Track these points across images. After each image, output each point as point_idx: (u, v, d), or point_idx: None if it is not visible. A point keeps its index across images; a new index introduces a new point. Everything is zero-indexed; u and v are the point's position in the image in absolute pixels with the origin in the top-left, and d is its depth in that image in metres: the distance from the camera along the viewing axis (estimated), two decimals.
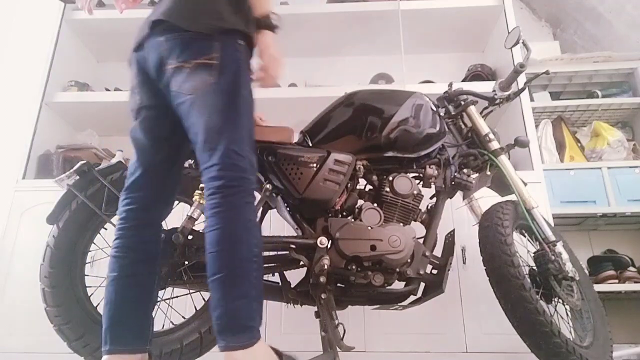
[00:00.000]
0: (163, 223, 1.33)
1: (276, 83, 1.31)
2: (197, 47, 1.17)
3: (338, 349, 1.32)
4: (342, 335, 1.37)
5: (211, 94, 1.14)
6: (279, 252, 1.49)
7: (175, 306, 1.50)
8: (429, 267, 1.47)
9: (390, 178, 1.50)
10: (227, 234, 1.06)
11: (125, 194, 1.25)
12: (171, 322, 1.47)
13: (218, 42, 1.17)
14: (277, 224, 1.71)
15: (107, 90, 2.74)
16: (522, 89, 1.72)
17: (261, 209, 1.50)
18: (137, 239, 1.21)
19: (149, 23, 1.23)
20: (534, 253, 1.58)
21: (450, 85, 1.81)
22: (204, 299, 1.48)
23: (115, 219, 1.27)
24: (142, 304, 1.18)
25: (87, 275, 1.45)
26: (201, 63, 1.15)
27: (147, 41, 1.24)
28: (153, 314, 1.23)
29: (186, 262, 1.39)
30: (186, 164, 1.46)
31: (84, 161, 1.48)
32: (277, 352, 1.07)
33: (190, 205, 1.45)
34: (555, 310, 1.49)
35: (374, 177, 1.55)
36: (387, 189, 1.50)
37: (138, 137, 1.27)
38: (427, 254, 1.46)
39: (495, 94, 1.71)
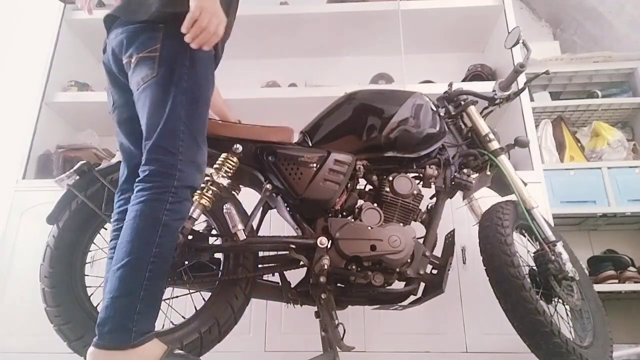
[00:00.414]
0: None
1: (215, 39, 1.12)
2: (140, 41, 1.14)
3: (338, 349, 1.32)
4: (342, 335, 1.37)
5: (150, 87, 1.11)
6: (279, 252, 1.49)
7: (175, 306, 1.49)
8: (429, 267, 1.47)
9: (390, 178, 1.50)
10: (127, 228, 1.04)
11: (117, 195, 1.25)
12: (171, 322, 1.47)
13: (161, 33, 1.13)
14: (277, 224, 1.71)
15: None
16: (522, 89, 1.72)
17: (261, 209, 1.51)
18: None
19: (104, 21, 1.23)
20: (534, 253, 1.58)
21: (450, 85, 1.81)
22: (204, 299, 1.48)
23: None
24: None
25: (87, 275, 1.45)
26: (143, 57, 1.12)
27: (107, 40, 1.24)
28: None
29: (186, 262, 1.38)
30: None
31: (84, 161, 1.48)
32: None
33: None
34: (555, 310, 1.49)
35: (374, 177, 1.55)
36: (387, 189, 1.50)
37: (122, 140, 1.28)
38: (427, 254, 1.46)
39: (495, 94, 1.71)
